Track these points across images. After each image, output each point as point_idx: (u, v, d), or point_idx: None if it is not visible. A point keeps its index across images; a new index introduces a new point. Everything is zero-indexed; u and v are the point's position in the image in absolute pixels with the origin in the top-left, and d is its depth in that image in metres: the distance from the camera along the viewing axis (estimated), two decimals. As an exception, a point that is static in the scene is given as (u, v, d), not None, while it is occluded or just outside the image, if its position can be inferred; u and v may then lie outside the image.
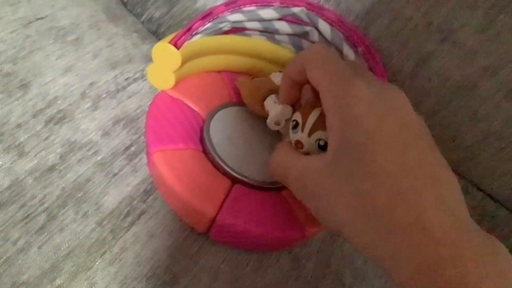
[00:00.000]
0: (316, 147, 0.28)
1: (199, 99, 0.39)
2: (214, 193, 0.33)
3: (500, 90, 0.37)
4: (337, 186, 0.24)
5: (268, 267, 0.36)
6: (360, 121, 0.23)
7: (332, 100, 0.25)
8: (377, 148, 0.22)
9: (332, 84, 0.25)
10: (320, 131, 0.28)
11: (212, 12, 0.38)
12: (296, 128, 0.30)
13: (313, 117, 0.28)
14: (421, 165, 0.22)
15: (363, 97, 0.24)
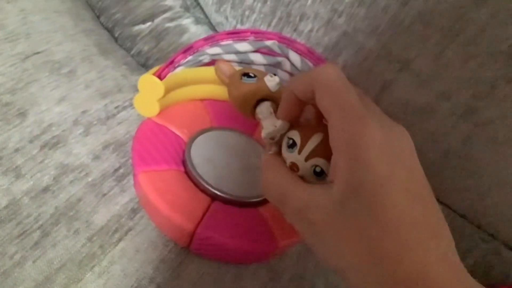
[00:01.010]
0: (311, 172, 0.27)
1: (181, 125, 0.43)
2: (193, 210, 0.36)
3: (455, 113, 0.41)
4: (344, 228, 0.23)
5: (245, 278, 0.38)
6: (372, 166, 0.22)
7: (343, 138, 0.24)
8: (387, 197, 0.22)
9: (345, 121, 0.24)
10: (318, 158, 0.27)
11: (192, 46, 0.42)
12: (293, 148, 0.28)
13: (313, 142, 0.27)
14: (426, 217, 0.22)
15: (377, 141, 0.23)
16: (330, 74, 0.25)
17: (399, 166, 0.23)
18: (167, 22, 0.53)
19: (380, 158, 0.22)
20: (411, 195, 0.22)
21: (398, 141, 0.24)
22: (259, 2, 0.47)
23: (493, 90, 0.38)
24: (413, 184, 0.23)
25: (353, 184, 0.23)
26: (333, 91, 0.25)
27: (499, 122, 0.39)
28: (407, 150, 0.24)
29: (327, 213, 0.24)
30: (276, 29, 0.47)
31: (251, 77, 0.30)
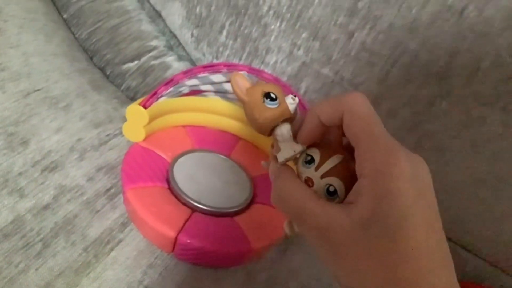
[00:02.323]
0: (324, 190, 0.28)
1: (165, 148, 0.48)
2: (175, 219, 0.41)
3: (402, 128, 0.47)
4: (363, 250, 0.24)
5: (224, 280, 0.43)
6: (399, 196, 0.23)
7: (373, 166, 0.24)
8: (409, 226, 0.23)
9: (375, 150, 0.24)
10: (334, 177, 0.27)
11: (173, 79, 0.48)
12: (310, 164, 0.28)
13: (331, 162, 0.28)
14: (438, 248, 0.24)
15: (405, 173, 0.23)
16: (360, 103, 0.26)
17: (421, 198, 0.24)
18: (152, 60, 0.59)
19: (407, 190, 0.23)
20: (428, 226, 0.23)
21: (421, 174, 0.25)
22: (230, 40, 0.54)
23: (431, 106, 0.45)
24: (430, 216, 0.24)
25: (379, 211, 0.23)
26: (363, 120, 0.25)
27: (441, 133, 0.45)
28: (427, 183, 0.25)
29: (347, 234, 0.24)
30: (246, 62, 0.54)
31: (274, 100, 0.29)
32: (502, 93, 0.41)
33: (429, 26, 0.42)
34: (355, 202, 0.25)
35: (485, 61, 0.41)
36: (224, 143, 0.53)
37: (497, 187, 0.44)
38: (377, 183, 0.24)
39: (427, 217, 0.24)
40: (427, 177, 0.25)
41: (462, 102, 0.43)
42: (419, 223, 0.23)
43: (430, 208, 0.24)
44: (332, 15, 0.45)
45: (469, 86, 0.42)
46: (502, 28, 0.39)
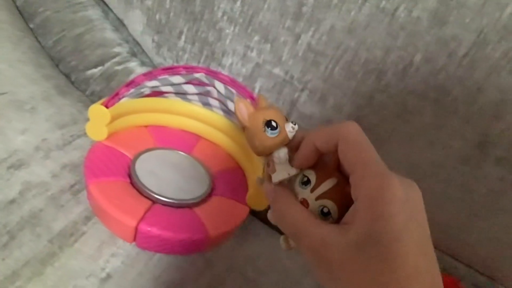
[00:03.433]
0: (318, 211, 0.29)
1: (128, 146, 0.51)
2: (136, 210, 0.44)
3: (347, 121, 0.51)
4: (357, 269, 0.25)
5: (185, 267, 0.46)
6: (391, 219, 0.24)
7: (367, 190, 0.26)
8: (401, 248, 0.24)
9: (369, 175, 0.26)
10: (328, 200, 0.29)
11: (134, 80, 0.51)
12: (306, 185, 0.30)
13: (326, 185, 0.29)
14: (428, 268, 0.25)
15: (397, 197, 0.25)
16: (353, 131, 0.28)
17: (413, 221, 0.25)
18: (115, 65, 0.62)
19: (399, 213, 0.24)
20: (419, 248, 0.25)
21: (413, 197, 0.26)
22: (189, 44, 0.57)
23: (371, 101, 0.49)
24: (421, 238, 0.25)
25: (372, 232, 0.25)
26: (356, 147, 0.27)
27: (381, 126, 0.50)
28: (419, 206, 0.26)
29: (342, 253, 0.26)
30: (204, 64, 0.57)
31: (274, 129, 0.30)
32: (432, 85, 0.45)
33: (366, 26, 0.46)
34: (350, 224, 0.26)
35: (417, 57, 0.45)
36: (185, 141, 0.56)
37: (432, 172, 0.48)
38: (371, 207, 0.25)
39: (418, 239, 0.25)
40: (418, 200, 0.27)
41: (398, 96, 0.47)
42: (410, 245, 0.24)
43: (421, 230, 0.26)
44: (280, 19, 0.49)
45: (403, 80, 0.46)
46: (429, 26, 0.44)
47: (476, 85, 0.44)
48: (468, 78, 0.44)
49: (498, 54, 0.43)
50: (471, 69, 0.44)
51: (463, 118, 0.46)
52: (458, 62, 0.44)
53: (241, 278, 0.47)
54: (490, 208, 0.48)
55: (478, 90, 0.44)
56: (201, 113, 0.56)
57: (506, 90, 0.43)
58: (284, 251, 0.32)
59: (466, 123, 0.46)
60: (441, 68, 0.45)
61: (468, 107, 0.45)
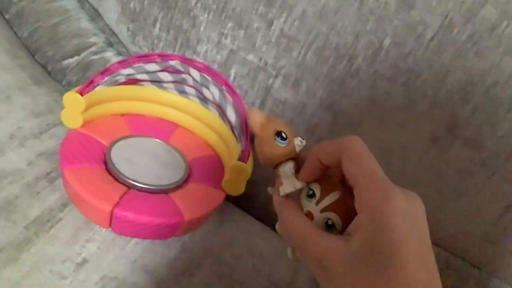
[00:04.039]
0: (323, 223, 0.30)
1: (103, 133, 0.51)
2: (111, 195, 0.44)
3: (320, 106, 0.52)
4: (358, 280, 0.26)
5: (160, 251, 0.46)
6: (393, 231, 0.25)
7: (370, 202, 0.26)
8: (401, 259, 0.25)
9: (372, 189, 0.27)
10: (332, 213, 0.30)
11: (108, 68, 0.52)
12: (312, 198, 0.31)
13: (331, 198, 0.30)
14: (428, 279, 0.26)
15: (399, 209, 0.26)
16: (356, 146, 0.29)
17: (414, 233, 0.26)
18: (92, 55, 0.62)
19: (400, 225, 0.25)
20: (419, 259, 0.25)
21: (415, 210, 0.27)
22: (163, 32, 0.57)
23: (343, 85, 0.50)
24: (422, 250, 0.26)
25: (374, 244, 0.25)
26: (359, 161, 0.28)
27: (353, 110, 0.50)
28: (421, 218, 0.27)
29: (343, 264, 0.26)
30: (180, 52, 0.58)
31: (284, 139, 0.32)
32: (402, 69, 0.46)
33: (336, 11, 0.47)
34: (353, 235, 0.27)
35: (386, 41, 0.46)
36: (162, 129, 0.56)
37: (403, 154, 0.49)
38: (373, 219, 0.26)
39: (418, 251, 0.26)
40: (420, 212, 0.28)
41: (369, 80, 0.48)
42: (411, 257, 0.25)
43: (422, 242, 0.26)
44: (253, 5, 0.50)
45: (373, 64, 0.47)
46: (397, 10, 0.45)
47: (443, 68, 0.45)
48: (435, 61, 0.45)
49: (464, 37, 0.44)
50: (439, 52, 0.45)
51: (432, 101, 0.47)
52: (425, 46, 0.45)
53: (217, 262, 0.48)
54: (459, 189, 0.49)
55: (446, 73, 0.45)
56: (177, 101, 0.56)
57: (473, 72, 0.45)
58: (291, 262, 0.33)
59: (435, 106, 0.47)
60: (410, 52, 0.46)
61: (436, 90, 0.46)
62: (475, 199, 0.49)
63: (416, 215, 0.27)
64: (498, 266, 0.51)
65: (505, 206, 0.48)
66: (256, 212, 0.60)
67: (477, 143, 0.47)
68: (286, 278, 0.50)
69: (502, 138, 0.46)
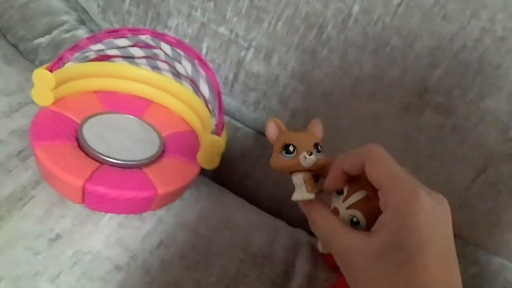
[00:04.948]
0: (349, 220, 0.32)
1: (75, 110, 0.51)
2: (82, 170, 0.44)
3: (293, 78, 0.52)
4: (378, 275, 0.27)
5: (135, 225, 0.46)
6: (416, 230, 0.26)
7: (395, 202, 0.27)
8: (422, 258, 0.26)
9: (397, 188, 0.28)
10: (357, 210, 0.32)
11: (78, 44, 0.51)
12: (340, 195, 0.33)
13: (356, 196, 0.32)
14: (447, 278, 0.26)
15: (425, 209, 0.26)
16: (378, 152, 0.30)
17: (437, 234, 0.27)
18: (63, 33, 0.62)
19: (424, 225, 0.26)
20: (440, 260, 0.26)
21: (440, 211, 0.28)
22: (133, 7, 0.57)
23: (314, 55, 0.49)
24: (444, 251, 0.27)
25: (397, 242, 0.26)
26: (383, 165, 0.29)
27: (325, 80, 0.50)
28: (445, 219, 0.28)
29: (365, 259, 0.27)
30: (151, 27, 0.57)
31: (290, 153, 0.34)
32: (371, 37, 0.46)
33: (305, -21, 0.46)
34: (376, 232, 0.28)
35: (355, 8, 0.46)
36: (136, 106, 0.56)
37: (375, 123, 0.50)
38: (398, 217, 0.27)
39: (440, 252, 0.26)
40: (445, 214, 0.28)
41: (339, 48, 0.47)
42: (432, 257, 0.26)
43: (445, 243, 0.27)
44: (222, -25, 0.49)
45: (343, 32, 0.47)
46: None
47: (412, 33, 0.45)
48: (404, 26, 0.45)
49: (431, 0, 0.44)
50: (406, 17, 0.45)
51: (402, 68, 0.47)
52: (393, 12, 0.45)
53: (193, 235, 0.48)
54: (431, 155, 0.50)
55: (414, 38, 0.45)
56: (150, 77, 0.56)
57: (441, 36, 0.45)
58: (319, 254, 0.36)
59: (405, 73, 0.47)
60: (378, 19, 0.46)
61: (406, 56, 0.46)
62: (447, 164, 0.49)
63: (441, 216, 0.28)
64: (472, 232, 0.52)
65: (477, 170, 0.49)
66: (234, 187, 0.60)
67: (448, 108, 0.47)
68: (263, 250, 0.51)
69: (472, 102, 0.46)
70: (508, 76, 0.44)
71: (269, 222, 0.55)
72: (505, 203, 0.49)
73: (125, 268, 0.43)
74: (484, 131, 0.46)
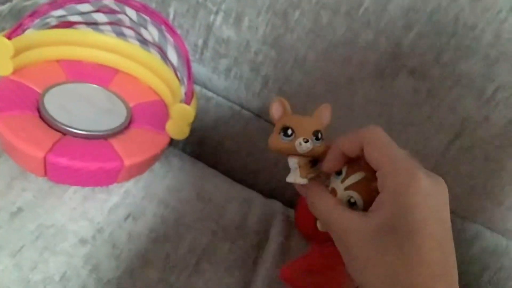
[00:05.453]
0: (346, 201, 0.32)
1: (37, 80, 0.48)
2: (43, 141, 0.42)
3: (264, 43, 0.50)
4: (373, 255, 0.27)
5: (102, 198, 0.45)
6: (413, 211, 0.26)
7: (393, 182, 0.28)
8: (417, 240, 0.26)
9: (396, 169, 0.28)
10: (355, 192, 0.32)
11: (37, 10, 0.48)
12: (339, 176, 0.33)
13: (354, 178, 0.32)
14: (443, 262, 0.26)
15: (422, 190, 0.27)
16: (377, 134, 0.30)
17: (434, 215, 0.27)
18: (24, 1, 0.58)
19: (421, 205, 0.26)
20: (435, 241, 0.26)
21: (438, 193, 0.28)
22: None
23: (286, 18, 0.47)
24: (441, 232, 0.27)
25: (393, 222, 0.27)
26: (381, 146, 0.29)
27: (298, 44, 0.49)
28: (443, 201, 0.28)
29: (361, 238, 0.28)
30: (115, -8, 0.54)
31: (288, 136, 0.33)
32: (343, -2, 0.44)
33: None
34: (373, 212, 0.28)
35: (326, -32, 0.44)
36: (101, 75, 0.54)
37: (350, 88, 0.48)
38: (395, 198, 0.27)
39: (436, 233, 0.26)
40: (443, 195, 0.28)
41: (312, 11, 0.46)
42: (428, 237, 0.26)
43: (441, 225, 0.27)
44: None
45: (314, -6, 0.45)
46: None
47: (385, -7, 0.43)
48: (377, -14, 0.43)
49: (404, -41, 0.42)
50: (379, -23, 0.43)
51: (376, 31, 0.45)
52: (366, -29, 0.43)
53: (163, 208, 0.47)
54: (406, 121, 0.49)
55: (387, -1, 0.44)
56: (116, 44, 0.54)
57: (415, -4, 0.43)
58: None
59: (379, 36, 0.45)
60: (351, -22, 0.44)
61: (379, 18, 0.45)
62: (423, 129, 0.49)
63: (439, 198, 0.28)
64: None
65: (453, 135, 0.48)
66: (207, 158, 0.59)
67: (422, 72, 0.46)
68: (236, 221, 0.50)
69: (446, 65, 0.45)
70: (483, 37, 0.43)
71: (243, 193, 0.54)
72: (480, 168, 0.49)
73: (91, 241, 0.41)
74: (459, 95, 0.45)
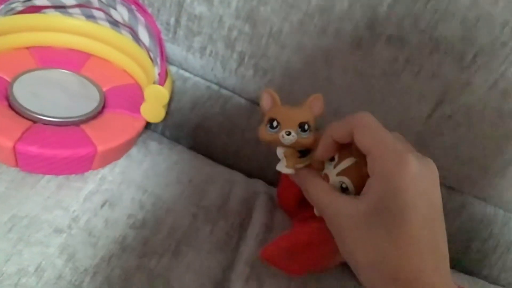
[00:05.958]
0: (338, 186, 0.33)
1: (5, 68, 0.47)
2: (12, 130, 0.41)
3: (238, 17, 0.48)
4: (364, 237, 0.28)
5: (76, 185, 0.44)
6: (402, 193, 0.27)
7: (382, 166, 0.28)
8: (406, 221, 0.26)
9: (385, 153, 0.28)
10: (346, 177, 0.32)
11: (1, -6, 0.46)
12: (332, 162, 0.34)
13: (346, 163, 0.33)
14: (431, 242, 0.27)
15: (412, 173, 0.27)
16: (367, 120, 0.30)
17: (423, 197, 0.27)
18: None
19: (410, 189, 0.27)
20: (425, 222, 0.27)
21: (428, 175, 0.28)
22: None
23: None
24: (430, 213, 0.27)
25: (382, 204, 0.27)
26: (371, 132, 0.30)
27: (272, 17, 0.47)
28: (433, 184, 0.29)
29: (353, 221, 0.29)
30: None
31: (273, 128, 0.34)
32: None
33: None
34: (363, 195, 0.29)
35: None
36: (73, 60, 0.52)
37: (327, 60, 0.47)
38: (384, 181, 0.28)
39: (426, 215, 0.27)
40: (433, 178, 0.29)
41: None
42: (417, 218, 0.27)
43: (431, 206, 0.28)
44: None
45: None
46: None
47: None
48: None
49: None
50: None
51: (350, -2, 0.44)
52: None
53: (140, 193, 0.46)
54: (387, 91, 0.47)
55: (361, -36, 0.42)
56: (86, 27, 0.52)
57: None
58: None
59: (354, 3, 0.44)
60: None
61: (353, -15, 0.43)
62: (403, 99, 0.47)
63: (428, 180, 0.28)
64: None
65: (434, 103, 0.47)
66: (186, 141, 0.58)
67: (400, 39, 0.44)
68: (217, 203, 0.49)
69: (424, 31, 0.43)
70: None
71: (224, 174, 0.53)
72: (464, 136, 0.48)
73: (66, 230, 0.40)
74: (438, 61, 0.44)
